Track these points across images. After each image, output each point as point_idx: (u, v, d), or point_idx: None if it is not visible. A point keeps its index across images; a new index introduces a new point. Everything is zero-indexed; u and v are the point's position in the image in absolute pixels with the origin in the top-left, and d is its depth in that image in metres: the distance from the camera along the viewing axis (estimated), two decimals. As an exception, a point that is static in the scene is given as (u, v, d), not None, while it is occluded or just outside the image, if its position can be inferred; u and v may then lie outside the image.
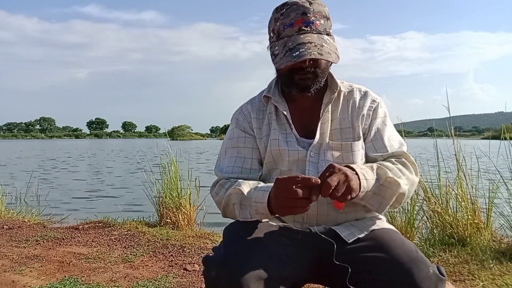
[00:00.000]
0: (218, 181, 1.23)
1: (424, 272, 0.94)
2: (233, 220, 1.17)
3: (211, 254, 1.02)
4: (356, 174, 1.00)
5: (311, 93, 1.16)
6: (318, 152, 1.17)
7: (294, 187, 0.92)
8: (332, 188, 0.92)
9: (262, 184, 1.11)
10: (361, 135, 1.20)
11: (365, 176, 1.03)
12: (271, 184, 1.02)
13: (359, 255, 1.03)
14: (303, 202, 0.92)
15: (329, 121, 1.19)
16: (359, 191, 1.00)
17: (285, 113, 1.20)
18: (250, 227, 1.06)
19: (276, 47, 1.13)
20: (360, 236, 1.07)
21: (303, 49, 1.07)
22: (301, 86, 1.14)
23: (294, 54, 1.07)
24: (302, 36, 1.10)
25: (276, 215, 1.06)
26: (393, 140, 1.22)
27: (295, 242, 1.07)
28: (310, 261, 1.06)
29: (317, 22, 1.12)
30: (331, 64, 1.18)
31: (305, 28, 1.11)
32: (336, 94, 1.21)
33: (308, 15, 1.11)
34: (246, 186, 1.09)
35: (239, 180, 1.13)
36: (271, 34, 1.17)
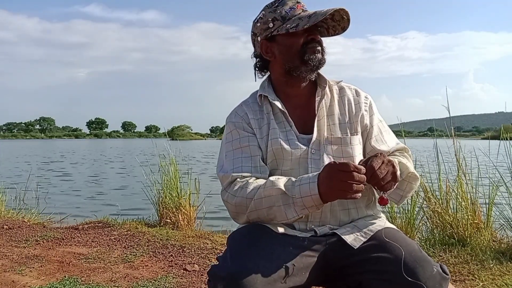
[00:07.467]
0: (232, 181, 1.13)
1: (428, 271, 0.95)
2: (236, 227, 1.16)
3: (216, 264, 1.01)
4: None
5: (314, 77, 1.21)
6: (318, 148, 1.17)
7: (350, 170, 0.94)
8: (380, 177, 0.97)
9: (293, 178, 1.07)
10: (359, 130, 1.21)
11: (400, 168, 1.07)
12: (310, 175, 1.04)
13: (363, 256, 1.03)
14: (359, 186, 0.95)
15: (325, 117, 1.21)
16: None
17: (283, 109, 1.20)
18: (256, 236, 1.05)
19: (288, 25, 1.16)
20: (364, 240, 1.07)
21: (324, 9, 1.14)
22: (314, 60, 1.17)
23: (321, 12, 1.13)
24: (309, 11, 1.17)
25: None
26: (391, 135, 1.27)
27: (301, 250, 1.06)
28: (316, 267, 1.06)
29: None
30: None
31: (306, 10, 1.18)
32: (327, 89, 1.23)
33: (302, 3, 1.20)
34: (282, 184, 1.06)
35: (270, 179, 1.08)
36: (272, 23, 1.18)
